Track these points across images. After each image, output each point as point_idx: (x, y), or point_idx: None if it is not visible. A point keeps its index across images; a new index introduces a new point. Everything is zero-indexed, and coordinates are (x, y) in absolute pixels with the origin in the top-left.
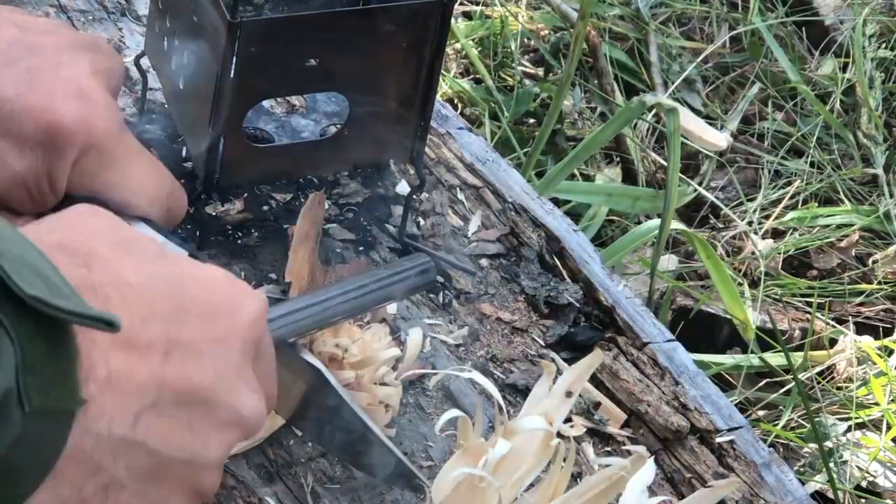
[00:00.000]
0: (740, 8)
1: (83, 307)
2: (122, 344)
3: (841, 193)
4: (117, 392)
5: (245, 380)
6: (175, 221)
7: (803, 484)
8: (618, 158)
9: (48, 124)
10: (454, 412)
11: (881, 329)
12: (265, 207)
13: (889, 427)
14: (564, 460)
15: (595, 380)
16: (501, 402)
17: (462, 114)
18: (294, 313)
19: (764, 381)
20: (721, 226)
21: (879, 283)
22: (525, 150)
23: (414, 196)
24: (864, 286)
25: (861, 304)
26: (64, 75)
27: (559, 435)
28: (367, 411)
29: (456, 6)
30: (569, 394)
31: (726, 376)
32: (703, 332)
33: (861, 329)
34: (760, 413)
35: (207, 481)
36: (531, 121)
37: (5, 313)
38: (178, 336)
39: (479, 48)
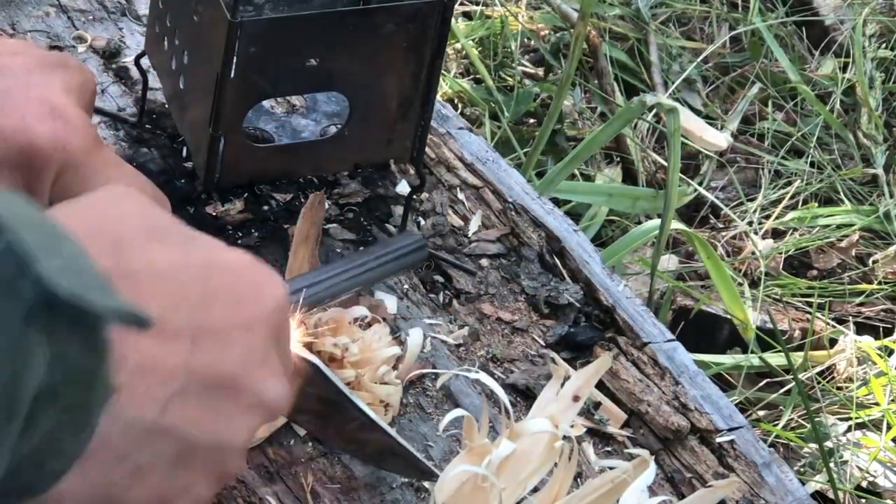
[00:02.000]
0: (740, 8)
1: (116, 302)
2: (152, 331)
3: (841, 193)
4: (146, 379)
5: (269, 365)
6: None
7: (803, 484)
8: (618, 158)
9: (24, 146)
10: (459, 412)
11: (881, 329)
12: (265, 207)
13: (889, 427)
14: (570, 459)
15: None
16: (508, 405)
17: (462, 114)
18: (298, 292)
19: (764, 381)
20: (721, 226)
21: (879, 283)
22: (525, 150)
23: (414, 196)
24: (864, 286)
25: (861, 304)
26: (35, 95)
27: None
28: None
29: (456, 6)
30: (576, 398)
31: (726, 376)
32: (703, 332)
33: (861, 329)
34: (760, 413)
35: (232, 465)
36: (531, 121)
37: (39, 309)
38: (206, 323)
39: (479, 48)
